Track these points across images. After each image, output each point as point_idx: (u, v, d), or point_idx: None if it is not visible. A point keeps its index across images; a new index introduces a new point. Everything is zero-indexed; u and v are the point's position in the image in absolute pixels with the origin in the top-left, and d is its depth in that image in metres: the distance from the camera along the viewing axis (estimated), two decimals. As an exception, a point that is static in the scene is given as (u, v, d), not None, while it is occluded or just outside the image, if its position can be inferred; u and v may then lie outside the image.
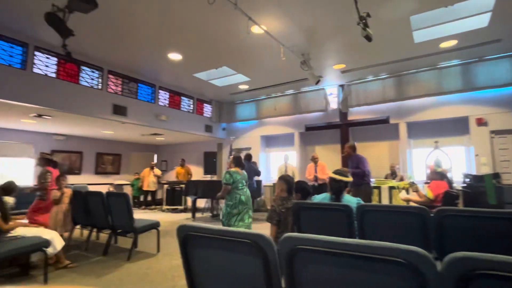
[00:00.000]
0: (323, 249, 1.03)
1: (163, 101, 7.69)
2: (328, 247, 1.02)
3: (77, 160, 9.23)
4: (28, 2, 4.02)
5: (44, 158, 4.32)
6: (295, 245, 1.09)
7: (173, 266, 3.52)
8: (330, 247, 1.02)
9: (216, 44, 5.29)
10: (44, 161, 4.30)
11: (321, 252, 1.04)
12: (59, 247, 3.25)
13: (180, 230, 1.35)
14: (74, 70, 5.81)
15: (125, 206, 3.82)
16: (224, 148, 9.74)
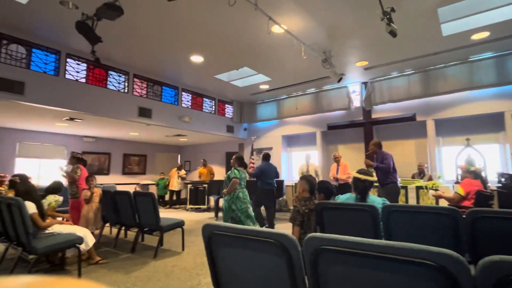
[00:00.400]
0: (348, 249, 1.02)
1: (186, 102, 7.86)
2: (353, 247, 1.01)
3: (105, 161, 9.65)
4: (60, 12, 4.26)
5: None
6: (320, 245, 1.09)
7: (198, 264, 3.60)
8: (356, 247, 1.00)
9: (236, 45, 5.33)
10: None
11: (346, 253, 1.03)
12: (91, 244, 3.41)
13: (205, 229, 1.38)
14: (102, 75, 6.08)
15: (151, 205, 3.95)
16: (245, 148, 9.80)
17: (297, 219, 2.53)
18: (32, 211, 3.05)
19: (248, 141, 9.68)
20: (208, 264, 1.42)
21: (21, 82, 4.86)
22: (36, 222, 3.08)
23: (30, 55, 5.09)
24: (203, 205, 8.64)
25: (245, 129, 9.80)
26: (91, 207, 4.27)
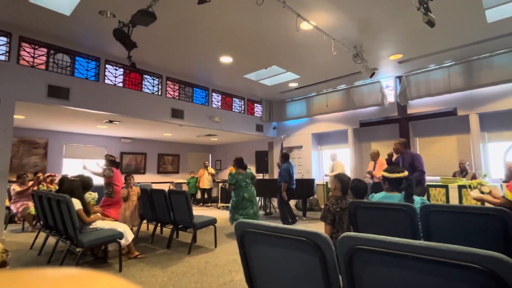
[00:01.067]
0: (385, 250, 0.98)
1: (216, 103, 8.02)
2: (391, 248, 0.97)
3: (141, 160, 10.13)
4: (99, 22, 4.54)
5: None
6: (354, 245, 1.06)
7: (230, 261, 3.66)
8: (394, 248, 0.96)
9: (265, 44, 5.34)
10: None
11: (383, 253, 1.00)
12: (130, 239, 3.61)
13: (238, 227, 1.40)
14: (138, 79, 6.39)
15: (185, 203, 4.08)
16: (275, 146, 9.79)
17: (327, 217, 2.49)
18: (78, 207, 3.29)
19: (277, 140, 9.66)
20: (241, 261, 1.44)
21: (67, 88, 5.25)
22: (81, 217, 3.32)
23: (74, 63, 5.48)
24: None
25: (274, 127, 9.79)
26: (128, 205, 4.51)
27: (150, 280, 3.01)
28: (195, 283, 2.93)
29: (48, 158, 8.18)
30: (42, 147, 8.12)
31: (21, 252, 4.05)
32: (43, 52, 5.13)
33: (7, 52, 4.74)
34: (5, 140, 4.60)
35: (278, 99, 9.33)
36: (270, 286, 1.39)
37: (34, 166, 7.87)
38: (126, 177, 4.67)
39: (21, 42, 4.88)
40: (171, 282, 2.96)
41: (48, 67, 5.15)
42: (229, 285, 2.89)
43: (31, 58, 4.98)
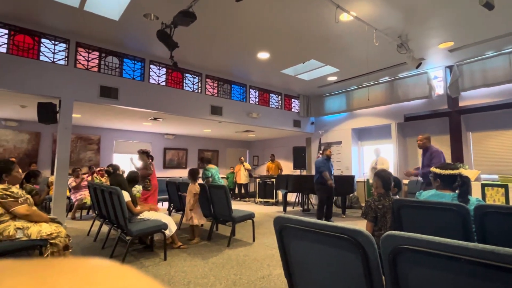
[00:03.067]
0: (434, 251, 0.93)
1: (253, 99, 8.08)
2: (440, 249, 0.91)
3: (183, 156, 10.60)
4: (143, 24, 4.80)
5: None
6: (399, 244, 1.01)
7: (268, 255, 3.70)
8: (444, 250, 0.90)
9: (302, 38, 5.25)
10: (145, 155, 5.12)
11: (431, 255, 0.94)
12: (173, 230, 3.81)
13: (277, 222, 1.41)
14: (179, 78, 6.66)
15: (224, 197, 4.20)
16: (313, 142, 9.62)
17: (369, 214, 2.40)
18: (127, 199, 3.55)
19: (315, 135, 9.48)
20: (280, 256, 1.46)
21: (116, 88, 5.65)
22: (130, 208, 3.57)
23: (122, 64, 5.87)
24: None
25: (312, 123, 9.62)
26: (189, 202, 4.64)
27: (192, 270, 3.15)
28: (234, 275, 3.01)
29: (101, 153, 8.91)
30: (96, 143, 8.86)
31: (79, 238, 4.48)
32: (96, 55, 5.57)
33: (66, 57, 5.23)
34: (65, 137, 5.10)
35: (316, 93, 9.14)
36: (309, 281, 1.39)
37: (89, 161, 8.62)
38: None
39: (77, 47, 5.35)
40: (212, 273, 3.07)
41: (100, 69, 5.58)
42: (267, 279, 2.93)
43: (85, 61, 5.44)
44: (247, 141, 12.33)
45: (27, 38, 4.91)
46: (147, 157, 5.18)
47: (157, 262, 3.39)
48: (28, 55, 4.90)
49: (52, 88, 5.01)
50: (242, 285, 2.77)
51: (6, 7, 4.47)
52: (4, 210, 2.66)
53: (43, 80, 4.93)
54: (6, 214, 2.68)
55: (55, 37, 5.13)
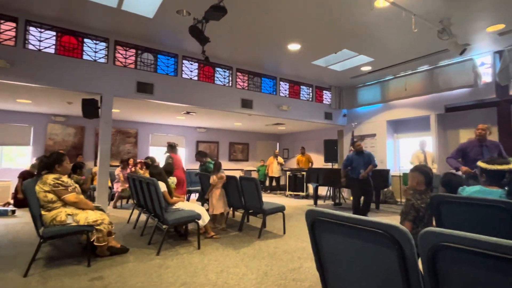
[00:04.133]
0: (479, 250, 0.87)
1: (284, 91, 8.02)
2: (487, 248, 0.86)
3: (215, 148, 10.85)
4: (176, 21, 4.93)
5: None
6: (440, 242, 0.97)
7: (299, 248, 3.70)
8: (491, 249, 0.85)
9: (335, 27, 5.08)
10: (170, 148, 5.29)
11: (476, 254, 0.89)
12: (206, 220, 3.94)
13: (309, 215, 1.40)
14: (210, 72, 6.78)
15: (255, 190, 4.25)
16: (345, 135, 9.36)
17: (410, 213, 2.26)
18: (163, 189, 3.72)
19: (347, 128, 9.22)
20: (312, 249, 1.45)
21: (151, 83, 5.89)
22: (166, 198, 3.75)
23: (156, 60, 6.09)
24: (302, 192, 8.77)
25: (344, 115, 9.35)
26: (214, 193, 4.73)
27: (224, 259, 3.25)
28: (265, 266, 3.06)
29: (138, 146, 9.39)
30: (133, 136, 9.34)
31: (120, 225, 4.78)
32: (132, 53, 5.83)
33: (106, 55, 5.53)
34: (106, 131, 5.44)
35: (348, 84, 8.84)
36: (341, 275, 1.37)
37: (128, 153, 9.13)
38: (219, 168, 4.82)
39: (116, 46, 5.63)
40: (243, 263, 3.14)
41: (136, 66, 5.84)
42: (298, 271, 2.94)
43: (123, 59, 5.72)
44: (277, 134, 12.30)
45: (72, 38, 5.26)
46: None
47: (191, 251, 3.54)
48: (73, 55, 5.25)
49: (94, 85, 5.34)
50: (273, 276, 2.81)
51: (54, 11, 4.81)
52: (56, 197, 2.91)
53: (86, 78, 5.27)
54: (58, 201, 2.93)
55: (96, 36, 5.45)
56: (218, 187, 4.62)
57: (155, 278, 2.69)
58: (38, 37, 4.98)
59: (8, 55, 4.64)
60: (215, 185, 4.59)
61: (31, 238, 3.90)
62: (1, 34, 4.69)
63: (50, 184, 2.90)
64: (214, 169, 4.76)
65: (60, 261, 3.09)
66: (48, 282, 2.57)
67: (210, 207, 4.58)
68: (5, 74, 4.60)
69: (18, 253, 3.34)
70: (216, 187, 4.61)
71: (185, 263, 3.11)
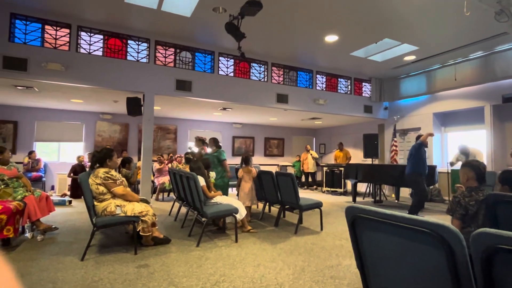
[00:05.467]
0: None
1: (320, 85, 7.85)
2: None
3: (250, 144, 10.97)
4: (212, 18, 5.04)
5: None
6: (496, 244, 0.90)
7: (337, 245, 3.64)
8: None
9: (375, 15, 4.85)
10: (200, 142, 5.41)
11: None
12: (244, 214, 4.02)
13: (349, 211, 1.38)
14: (246, 68, 6.85)
15: (291, 185, 4.24)
16: (386, 129, 8.94)
17: (457, 211, 2.14)
18: (202, 184, 3.87)
19: (389, 122, 8.79)
20: (352, 247, 1.43)
21: (189, 81, 6.10)
22: (205, 192, 3.89)
23: (194, 58, 6.29)
24: (339, 188, 8.56)
25: (385, 108, 8.92)
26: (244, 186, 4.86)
27: (261, 253, 3.30)
28: (302, 262, 3.06)
29: (178, 141, 9.81)
30: (173, 132, 9.78)
31: (162, 217, 5.06)
32: (171, 51, 6.08)
33: (147, 55, 5.84)
34: (149, 127, 5.76)
35: (390, 76, 8.40)
36: (384, 275, 1.34)
37: (168, 148, 9.58)
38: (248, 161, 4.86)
39: (156, 45, 5.91)
40: (280, 258, 3.17)
41: (175, 64, 6.09)
42: (336, 269, 2.90)
43: (163, 58, 5.99)
44: (314, 128, 12.09)
45: (117, 41, 5.63)
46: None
47: (229, 244, 3.65)
48: (118, 56, 5.62)
49: (137, 83, 5.67)
50: (311, 272, 2.80)
51: (101, 16, 5.18)
52: (106, 189, 3.17)
53: (130, 77, 5.61)
54: (108, 193, 3.19)
55: (138, 37, 5.76)
56: (246, 181, 4.71)
57: (195, 269, 2.83)
58: (88, 41, 5.39)
59: (63, 59, 5.09)
60: (242, 179, 4.70)
61: (85, 226, 4.29)
62: (57, 40, 5.16)
63: (101, 177, 3.16)
64: (241, 162, 4.86)
65: (110, 248, 3.37)
66: (101, 267, 2.82)
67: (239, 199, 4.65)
68: (61, 76, 5.07)
69: (75, 239, 3.69)
70: (244, 180, 4.71)
71: (223, 255, 3.22)
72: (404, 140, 8.58)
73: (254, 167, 5.40)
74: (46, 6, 4.90)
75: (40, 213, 3.72)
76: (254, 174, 4.77)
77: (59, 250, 3.30)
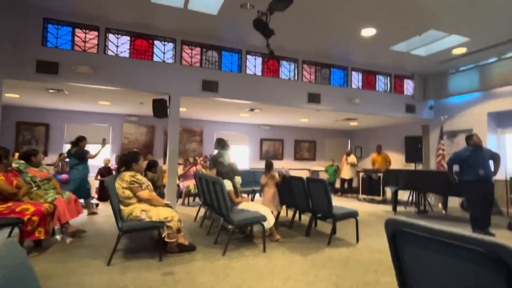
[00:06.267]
0: None
1: (356, 83, 7.66)
2: None
3: (279, 147, 10.94)
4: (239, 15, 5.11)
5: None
6: None
7: (375, 260, 3.51)
8: None
9: (418, 4, 4.65)
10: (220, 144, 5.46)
11: None
12: (272, 222, 4.01)
13: (389, 224, 1.32)
14: (275, 66, 6.86)
15: (323, 192, 4.16)
16: (432, 131, 8.51)
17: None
18: (228, 189, 3.92)
19: (435, 122, 8.36)
20: (392, 263, 1.37)
21: (216, 81, 6.23)
22: (231, 198, 3.93)
23: (221, 57, 6.42)
24: (377, 196, 8.27)
25: (430, 107, 8.50)
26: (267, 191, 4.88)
27: (291, 265, 3.27)
28: (336, 276, 2.99)
29: (204, 144, 10.03)
30: (199, 134, 10.01)
31: (187, 223, 5.19)
32: (198, 51, 6.24)
33: (173, 55, 6.04)
34: (175, 130, 5.95)
35: (436, 71, 8.00)
36: (430, 297, 1.27)
37: (193, 151, 9.82)
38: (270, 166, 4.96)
39: (182, 45, 6.11)
40: (312, 271, 3.12)
41: (201, 64, 6.25)
42: (375, 286, 2.80)
43: (189, 58, 6.17)
44: (348, 130, 11.80)
45: (143, 42, 5.89)
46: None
47: (256, 253, 3.65)
48: (144, 57, 5.87)
49: (163, 85, 5.88)
50: (346, 288, 2.73)
51: (128, 17, 5.45)
52: (132, 194, 3.31)
53: (156, 78, 5.84)
54: (134, 198, 3.33)
55: (164, 38, 5.99)
56: (270, 187, 4.74)
57: (222, 279, 2.86)
58: (115, 43, 5.69)
59: (92, 62, 5.41)
60: (266, 185, 4.71)
61: (111, 230, 4.51)
62: (86, 43, 5.50)
63: (127, 181, 3.31)
64: (265, 168, 4.92)
65: (136, 254, 3.51)
66: (127, 273, 2.94)
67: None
68: (89, 79, 5.39)
69: (102, 243, 3.89)
70: (267, 186, 4.73)
71: (250, 265, 3.23)
72: (452, 143, 8.10)
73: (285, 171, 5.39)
74: (76, 10, 5.25)
75: (69, 215, 3.96)
76: (277, 180, 4.83)
77: (86, 253, 3.50)
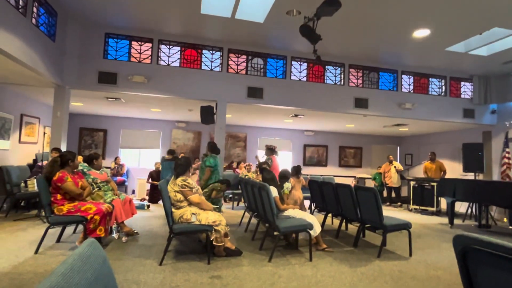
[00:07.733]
0: None
1: (407, 86, 7.27)
2: None
3: (323, 153, 10.72)
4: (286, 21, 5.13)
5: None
6: None
7: (431, 276, 3.26)
8: None
9: (481, 2, 4.29)
10: (269, 151, 5.42)
11: None
12: (318, 231, 3.91)
13: (458, 241, 1.22)
14: (320, 71, 6.76)
15: (373, 201, 3.97)
16: (494, 137, 7.76)
17: None
18: (274, 195, 3.91)
19: (498, 128, 7.61)
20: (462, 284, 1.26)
21: (261, 88, 6.30)
22: (277, 204, 3.92)
23: (266, 64, 6.48)
24: (430, 207, 7.70)
25: (493, 111, 7.76)
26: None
27: (340, 277, 3.15)
28: (389, 292, 2.82)
29: (247, 149, 10.16)
30: (243, 140, 10.18)
31: (232, 228, 5.26)
32: (243, 59, 6.37)
33: (220, 64, 6.23)
34: (221, 136, 6.11)
35: (499, 72, 7.30)
36: (509, 325, 1.14)
37: (237, 156, 9.99)
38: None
39: (229, 54, 6.28)
40: (362, 284, 2.98)
41: (247, 71, 6.36)
42: (433, 305, 2.59)
43: (235, 65, 6.31)
44: (398, 136, 11.20)
45: (192, 51, 6.16)
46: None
47: (302, 262, 3.58)
48: (193, 66, 6.13)
49: (210, 92, 6.09)
50: (400, 305, 2.56)
51: (179, 29, 5.75)
52: (183, 197, 3.45)
53: (204, 86, 6.06)
54: (184, 201, 3.46)
55: (212, 47, 6.21)
56: (296, 189, 4.71)
57: (268, 286, 2.85)
58: (167, 53, 6.02)
59: (146, 72, 5.78)
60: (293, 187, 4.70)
61: (162, 231, 4.73)
62: (141, 54, 5.90)
63: (179, 185, 3.45)
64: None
65: (185, 256, 3.63)
66: (178, 273, 3.05)
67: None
68: (143, 88, 5.76)
69: (154, 243, 4.09)
70: (294, 189, 4.70)
71: (297, 274, 3.17)
72: (520, 151, 7.31)
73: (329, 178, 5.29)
74: (133, 24, 5.66)
75: (125, 216, 4.24)
76: (303, 183, 4.98)
77: (140, 252, 3.70)
